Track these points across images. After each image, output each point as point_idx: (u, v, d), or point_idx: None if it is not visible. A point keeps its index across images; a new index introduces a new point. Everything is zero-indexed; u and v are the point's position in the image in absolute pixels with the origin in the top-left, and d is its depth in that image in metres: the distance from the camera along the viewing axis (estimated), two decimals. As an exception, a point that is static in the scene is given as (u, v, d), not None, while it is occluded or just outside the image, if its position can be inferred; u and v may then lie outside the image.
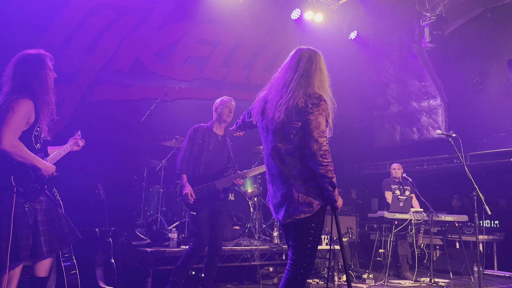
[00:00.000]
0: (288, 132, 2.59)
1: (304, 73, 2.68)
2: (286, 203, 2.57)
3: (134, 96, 6.88)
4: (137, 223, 5.26)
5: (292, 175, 2.58)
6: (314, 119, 2.53)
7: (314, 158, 2.50)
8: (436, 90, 8.07)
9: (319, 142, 2.50)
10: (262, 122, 2.77)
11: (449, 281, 6.24)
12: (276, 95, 2.69)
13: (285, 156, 2.60)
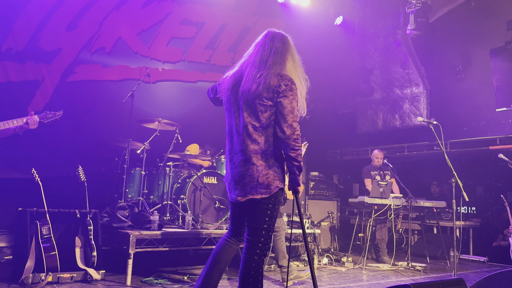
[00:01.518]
0: (257, 109, 2.59)
1: (279, 52, 2.71)
2: (244, 182, 2.59)
3: (116, 76, 6.76)
4: (118, 205, 5.22)
5: (255, 154, 2.59)
6: (289, 103, 2.57)
7: (287, 141, 2.55)
8: (419, 77, 8.13)
9: (293, 127, 2.57)
10: (231, 98, 2.74)
11: (426, 265, 6.40)
12: (253, 70, 2.67)
13: (252, 133, 2.60)
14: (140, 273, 4.90)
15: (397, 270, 5.97)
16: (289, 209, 5.32)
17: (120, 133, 6.50)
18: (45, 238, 4.25)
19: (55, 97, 6.21)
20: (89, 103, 6.55)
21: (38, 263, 4.15)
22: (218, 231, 5.20)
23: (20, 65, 5.87)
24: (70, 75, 6.32)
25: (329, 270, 5.78)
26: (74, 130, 6.47)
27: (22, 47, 5.86)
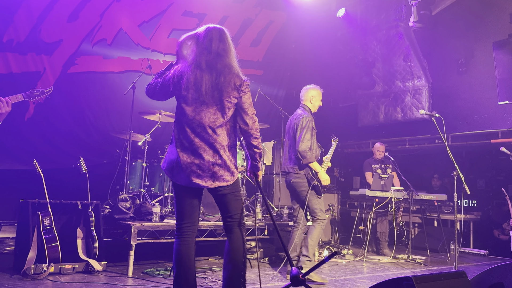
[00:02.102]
0: (225, 106, 2.76)
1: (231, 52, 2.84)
2: (213, 171, 2.76)
3: (117, 68, 6.74)
4: (120, 197, 5.23)
5: (222, 146, 2.78)
6: (248, 98, 2.83)
7: (251, 131, 2.84)
8: (421, 70, 8.10)
9: (254, 119, 2.85)
10: (191, 94, 2.76)
11: (426, 258, 6.42)
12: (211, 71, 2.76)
13: (218, 127, 2.77)
14: (142, 264, 4.93)
15: (398, 262, 5.99)
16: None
17: (121, 125, 6.51)
18: (47, 229, 4.26)
19: (56, 89, 6.15)
20: (90, 94, 6.54)
21: (40, 254, 4.17)
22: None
23: (21, 56, 5.86)
24: (71, 66, 6.31)
25: (329, 262, 5.80)
26: (76, 122, 6.48)
27: (23, 38, 5.84)
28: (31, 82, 6.00)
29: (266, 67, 8.58)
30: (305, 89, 4.99)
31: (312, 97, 4.91)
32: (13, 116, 5.85)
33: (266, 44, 8.46)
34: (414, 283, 2.57)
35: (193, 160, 2.76)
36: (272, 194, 7.24)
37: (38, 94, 3.50)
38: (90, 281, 4.02)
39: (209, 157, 2.75)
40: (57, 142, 6.33)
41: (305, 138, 4.53)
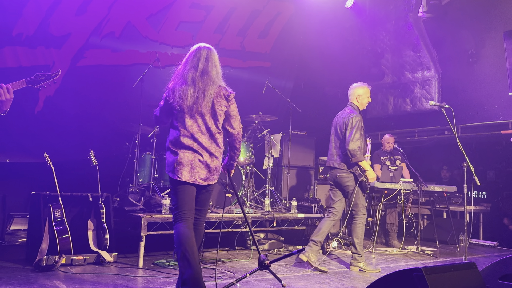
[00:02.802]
0: (217, 113, 3.21)
1: (217, 68, 3.29)
2: (209, 170, 3.20)
3: (125, 61, 6.76)
4: (130, 189, 5.28)
5: (217, 149, 3.23)
6: (235, 107, 3.30)
7: (238, 135, 3.33)
8: (431, 61, 8.02)
9: (240, 125, 3.35)
10: (188, 106, 3.14)
11: (436, 250, 6.41)
12: (204, 85, 3.18)
13: (215, 133, 3.22)
14: (152, 255, 4.98)
15: (407, 254, 5.99)
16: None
17: (130, 117, 6.53)
18: (58, 221, 4.31)
19: (65, 82, 6.23)
20: (99, 88, 6.57)
21: (51, 245, 4.23)
22: (228, 215, 5.24)
23: (30, 50, 5.89)
24: (80, 59, 6.34)
25: (338, 253, 5.81)
26: (85, 115, 6.52)
27: (32, 32, 5.87)
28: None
29: (274, 59, 8.55)
30: (351, 88, 5.05)
31: (359, 95, 4.97)
32: (22, 109, 5.92)
33: (274, 35, 8.43)
34: (424, 274, 2.57)
35: (192, 160, 3.15)
36: (281, 186, 7.25)
37: (43, 79, 3.24)
38: (102, 272, 4.07)
39: (206, 158, 3.18)
40: (67, 135, 6.38)
41: (355, 137, 4.64)
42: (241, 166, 5.92)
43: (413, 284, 2.61)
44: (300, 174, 7.61)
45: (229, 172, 3.52)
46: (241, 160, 6.07)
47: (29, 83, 3.15)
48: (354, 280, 4.24)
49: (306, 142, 7.79)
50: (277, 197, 6.38)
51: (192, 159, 3.16)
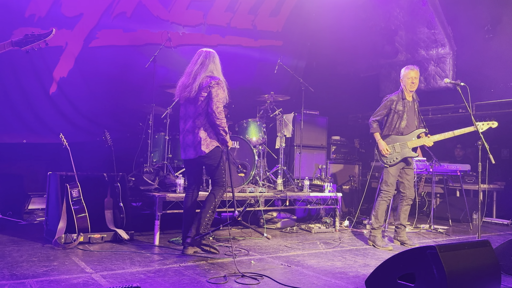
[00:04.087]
0: (198, 100, 4.04)
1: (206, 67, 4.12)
2: (193, 146, 4.06)
3: (137, 41, 6.75)
4: (144, 169, 5.34)
5: (199, 127, 4.04)
6: (215, 91, 3.99)
7: (213, 114, 3.97)
8: (445, 38, 7.87)
9: (217, 105, 3.97)
10: (184, 97, 4.15)
11: (448, 228, 6.42)
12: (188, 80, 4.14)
13: (197, 115, 4.06)
14: (167, 233, 5.07)
15: (419, 232, 6.01)
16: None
17: (143, 98, 6.56)
18: (75, 200, 4.41)
19: (78, 63, 6.26)
20: (112, 68, 6.58)
21: (69, 224, 4.33)
22: (241, 194, 5.29)
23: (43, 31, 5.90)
24: (92, 40, 6.34)
25: (350, 232, 5.85)
26: (99, 96, 6.56)
27: (45, 13, 5.87)
28: (54, 57, 6.08)
29: (285, 38, 8.46)
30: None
31: (402, 77, 5.09)
32: (37, 90, 5.98)
33: (286, 13, 8.32)
34: (438, 252, 2.59)
35: (185, 140, 4.14)
36: (293, 166, 7.27)
37: (32, 39, 2.91)
38: (119, 250, 4.17)
39: (191, 137, 4.07)
40: (82, 116, 6.44)
41: (377, 112, 5.08)
42: (253, 146, 5.93)
43: (426, 261, 2.64)
44: (313, 154, 7.62)
45: (226, 146, 4.15)
46: (253, 140, 6.08)
47: (15, 44, 2.82)
48: (367, 258, 4.29)
49: (318, 121, 7.77)
50: (289, 177, 6.41)
51: (185, 140, 4.21)
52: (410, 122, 4.99)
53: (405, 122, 4.97)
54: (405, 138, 4.96)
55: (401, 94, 5.04)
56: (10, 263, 3.51)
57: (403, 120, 4.97)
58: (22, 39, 2.80)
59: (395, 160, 4.93)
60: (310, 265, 3.87)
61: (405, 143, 4.94)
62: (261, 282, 3.26)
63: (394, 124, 4.99)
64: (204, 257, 4.01)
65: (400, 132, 4.98)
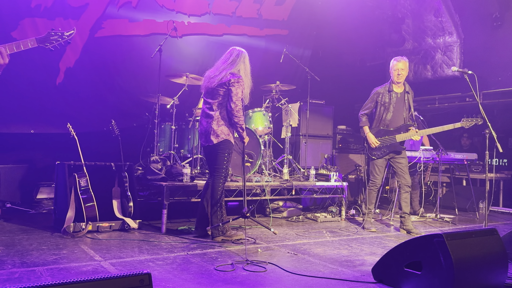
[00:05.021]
0: (218, 94, 4.20)
1: (232, 65, 4.26)
2: (205, 134, 4.25)
3: (143, 31, 6.75)
4: (151, 158, 5.37)
5: (212, 118, 4.21)
6: (235, 89, 4.12)
7: (232, 112, 4.15)
8: (453, 26, 7.80)
9: (236, 103, 4.13)
10: (205, 87, 4.33)
11: (455, 217, 6.42)
12: (214, 73, 4.30)
13: (213, 107, 4.24)
14: (174, 222, 5.11)
15: (425, 221, 6.02)
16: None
17: (149, 88, 6.58)
18: (83, 190, 4.44)
19: (84, 53, 6.27)
20: (118, 58, 6.59)
21: (78, 213, 4.37)
22: (247, 183, 5.30)
23: (49, 21, 5.91)
24: (98, 30, 6.34)
25: (356, 221, 5.87)
26: (105, 86, 6.59)
27: (51, 3, 5.88)
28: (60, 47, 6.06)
29: (291, 27, 8.42)
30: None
31: (390, 69, 5.21)
32: (44, 81, 6.01)
33: (291, 2, 8.27)
34: (445, 240, 2.60)
35: (200, 128, 4.39)
36: (299, 155, 7.28)
37: (56, 37, 2.84)
38: (127, 238, 4.22)
39: (205, 126, 4.27)
40: (88, 106, 6.47)
41: (365, 106, 5.27)
42: (259, 136, 5.94)
43: (433, 249, 2.65)
44: (318, 143, 7.62)
45: (242, 142, 4.33)
46: (259, 130, 6.09)
47: (40, 42, 2.69)
48: (373, 246, 4.31)
49: (324, 111, 7.76)
50: (295, 166, 6.42)
51: (200, 128, 4.44)
52: (397, 114, 5.08)
53: (391, 114, 5.07)
54: (393, 132, 5.06)
55: (388, 86, 5.14)
56: (20, 251, 3.56)
57: (389, 112, 5.08)
58: (46, 37, 2.71)
59: (382, 153, 5.09)
60: (317, 253, 3.90)
61: (393, 136, 5.04)
62: (268, 269, 3.29)
63: (380, 116, 5.11)
64: (212, 245, 4.05)
65: (386, 124, 5.11)
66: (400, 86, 5.14)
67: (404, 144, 5.12)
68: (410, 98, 5.18)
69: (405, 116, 5.11)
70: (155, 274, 3.07)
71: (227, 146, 4.22)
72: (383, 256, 3.05)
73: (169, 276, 3.04)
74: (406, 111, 5.12)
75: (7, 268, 3.07)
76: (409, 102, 5.15)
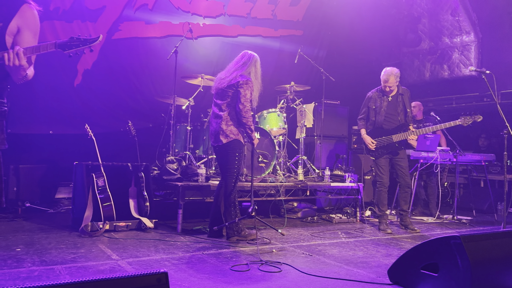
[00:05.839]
0: (227, 95, 4.28)
1: (243, 67, 4.36)
2: (214, 134, 4.31)
3: (159, 33, 6.81)
4: (167, 159, 5.42)
5: (222, 119, 4.26)
6: (243, 90, 4.19)
7: (241, 113, 4.20)
8: (470, 25, 7.70)
9: (244, 105, 4.17)
10: (216, 88, 4.42)
11: (472, 219, 6.33)
12: (225, 75, 4.40)
13: (222, 108, 4.29)
14: (190, 222, 5.15)
15: (442, 223, 5.95)
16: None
17: (165, 89, 6.64)
18: (101, 189, 4.51)
19: (102, 55, 6.36)
20: (135, 60, 6.67)
21: (95, 212, 4.44)
22: (261, 183, 5.32)
23: (67, 24, 6.01)
24: (115, 32, 6.43)
25: (372, 222, 5.83)
26: (122, 87, 6.67)
27: (69, 6, 5.98)
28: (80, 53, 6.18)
29: (306, 27, 8.40)
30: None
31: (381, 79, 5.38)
32: (62, 82, 6.11)
33: (306, 2, 8.26)
34: (462, 242, 2.57)
35: (210, 129, 4.45)
36: (313, 156, 7.26)
37: (77, 43, 2.57)
38: (143, 238, 4.27)
39: (214, 126, 4.33)
40: (106, 107, 6.56)
41: (360, 111, 5.50)
42: (273, 136, 5.95)
43: (450, 251, 2.62)
44: (333, 144, 7.59)
45: (251, 143, 4.43)
46: (273, 130, 6.09)
47: (59, 46, 2.52)
48: (389, 247, 4.28)
49: (339, 111, 7.72)
50: (310, 167, 6.41)
51: (211, 129, 4.49)
52: (390, 116, 5.22)
53: (382, 117, 5.23)
54: (390, 132, 5.18)
55: (380, 89, 5.34)
56: (39, 250, 3.63)
57: (380, 115, 5.24)
58: (67, 42, 2.53)
59: (380, 154, 5.23)
60: (332, 255, 3.89)
61: (390, 136, 5.16)
62: (283, 270, 3.30)
63: (372, 119, 5.31)
64: (227, 245, 4.07)
65: (380, 126, 5.24)
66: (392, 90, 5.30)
67: (402, 144, 5.21)
68: (406, 99, 5.29)
69: (400, 118, 5.23)
70: (171, 273, 3.10)
71: (237, 146, 4.27)
72: (399, 258, 3.03)
73: (185, 276, 3.07)
74: (401, 113, 5.24)
75: (26, 266, 3.14)
76: (403, 103, 5.26)
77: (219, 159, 4.46)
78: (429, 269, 2.75)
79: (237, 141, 4.26)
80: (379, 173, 5.27)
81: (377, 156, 5.25)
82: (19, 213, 5.20)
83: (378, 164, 5.27)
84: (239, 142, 4.28)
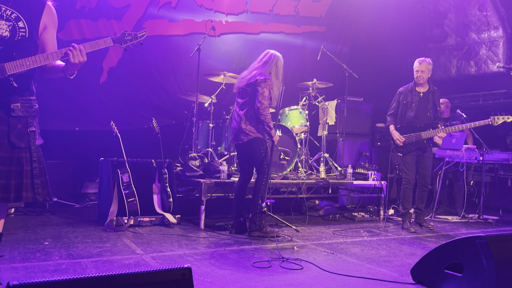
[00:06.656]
0: (247, 93, 4.34)
1: (264, 67, 4.39)
2: (234, 133, 4.40)
3: (182, 31, 6.87)
4: (190, 156, 5.48)
5: (242, 117, 4.33)
6: (261, 88, 4.22)
7: (259, 110, 4.25)
8: (498, 20, 7.50)
9: (262, 102, 4.22)
10: (237, 87, 4.48)
11: (499, 218, 6.19)
12: (247, 74, 4.45)
13: (243, 106, 4.36)
14: (212, 218, 5.20)
15: (467, 222, 5.84)
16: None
17: (188, 87, 6.70)
18: (126, 185, 4.60)
19: (126, 53, 6.45)
20: (158, 58, 6.75)
21: (120, 207, 4.53)
22: (283, 181, 5.33)
23: (93, 22, 6.13)
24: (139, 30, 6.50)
25: (395, 221, 5.77)
26: (146, 85, 6.76)
27: (94, 5, 6.09)
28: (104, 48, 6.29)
29: (329, 23, 8.33)
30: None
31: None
32: (88, 80, 6.23)
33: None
34: (488, 242, 2.53)
35: (231, 127, 4.54)
36: (336, 153, 7.21)
37: (130, 38, 2.88)
38: (167, 233, 4.33)
39: (235, 124, 4.41)
40: (130, 104, 6.66)
41: (390, 106, 5.46)
42: (295, 134, 5.93)
43: (476, 251, 2.58)
44: (356, 142, 7.52)
45: (272, 140, 4.42)
46: (295, 128, 6.07)
47: (116, 41, 2.79)
48: (413, 247, 4.23)
49: (362, 108, 7.64)
50: (332, 164, 6.38)
51: (232, 127, 4.61)
52: (421, 113, 5.17)
53: (413, 113, 5.17)
54: (419, 129, 5.13)
55: (411, 85, 5.28)
56: (66, 244, 3.73)
57: (411, 110, 5.18)
58: (120, 37, 2.82)
59: (408, 150, 5.17)
60: (354, 253, 3.87)
61: (419, 133, 5.11)
62: (304, 267, 3.30)
63: (403, 114, 5.26)
64: (248, 242, 4.10)
65: (409, 122, 5.18)
66: (423, 86, 5.23)
67: (430, 141, 5.17)
68: (436, 97, 5.24)
69: (429, 115, 5.17)
70: (194, 268, 3.14)
71: (259, 143, 4.33)
72: (422, 257, 2.99)
73: (208, 271, 3.11)
74: (431, 110, 5.18)
75: (54, 260, 3.23)
76: (434, 101, 5.21)
77: (241, 157, 4.55)
78: (453, 269, 2.72)
79: (257, 139, 4.33)
80: (406, 170, 5.22)
81: (405, 152, 5.20)
82: (47, 208, 5.34)
83: (404, 161, 5.23)
84: (259, 139, 4.34)
